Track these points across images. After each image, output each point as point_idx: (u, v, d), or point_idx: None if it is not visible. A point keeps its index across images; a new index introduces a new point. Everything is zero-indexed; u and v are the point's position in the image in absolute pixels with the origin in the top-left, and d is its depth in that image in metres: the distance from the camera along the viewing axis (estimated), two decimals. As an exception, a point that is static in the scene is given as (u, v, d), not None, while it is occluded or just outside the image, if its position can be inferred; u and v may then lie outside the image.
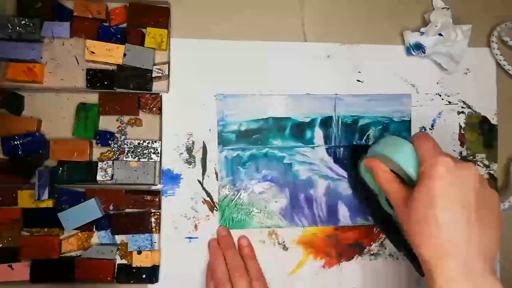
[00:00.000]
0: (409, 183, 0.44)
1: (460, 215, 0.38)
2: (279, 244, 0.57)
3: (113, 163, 0.54)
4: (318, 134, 0.57)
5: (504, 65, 0.59)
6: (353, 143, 0.57)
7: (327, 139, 0.57)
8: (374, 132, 0.57)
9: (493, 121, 0.60)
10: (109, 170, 0.54)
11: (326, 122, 0.57)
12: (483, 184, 0.40)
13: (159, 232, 0.55)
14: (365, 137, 0.57)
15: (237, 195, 0.56)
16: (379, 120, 0.58)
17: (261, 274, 0.53)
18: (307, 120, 0.57)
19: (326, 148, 0.57)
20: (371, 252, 0.58)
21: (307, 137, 0.57)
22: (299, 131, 0.57)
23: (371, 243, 0.58)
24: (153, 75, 0.54)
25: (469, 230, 0.37)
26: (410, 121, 0.58)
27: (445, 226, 0.37)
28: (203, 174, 0.56)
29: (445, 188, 0.38)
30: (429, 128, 0.59)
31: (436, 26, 0.56)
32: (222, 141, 0.56)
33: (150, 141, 0.55)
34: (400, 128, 0.58)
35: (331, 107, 0.57)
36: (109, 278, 0.53)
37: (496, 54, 0.59)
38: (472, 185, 0.38)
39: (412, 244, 0.40)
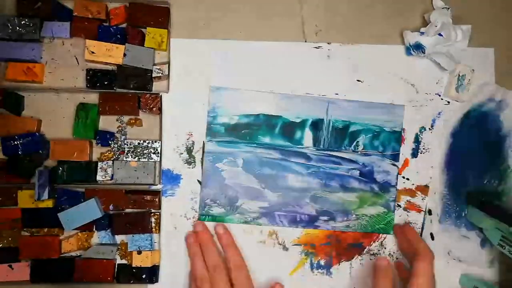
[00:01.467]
0: None
1: None
2: (279, 244, 0.57)
3: (113, 163, 0.54)
4: (308, 135, 0.57)
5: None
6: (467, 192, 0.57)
7: (316, 141, 0.57)
8: (364, 140, 0.57)
9: (493, 121, 0.61)
10: (109, 170, 0.54)
11: (317, 124, 0.57)
12: None
13: (159, 232, 0.55)
14: (354, 143, 0.57)
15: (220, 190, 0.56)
16: (370, 128, 0.58)
17: (241, 262, 0.53)
18: (298, 120, 0.57)
19: (314, 152, 0.57)
20: (371, 252, 0.58)
21: (296, 138, 0.57)
22: (289, 130, 0.57)
23: (371, 243, 0.58)
24: (153, 75, 0.54)
25: None
26: (401, 132, 0.58)
27: None
28: (203, 173, 0.56)
29: None
30: (429, 128, 0.59)
31: (436, 26, 0.56)
32: (211, 132, 0.56)
33: (150, 141, 0.55)
34: (390, 138, 0.58)
35: (324, 110, 0.57)
36: (109, 278, 0.53)
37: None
38: None
39: None
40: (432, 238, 0.58)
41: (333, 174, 0.57)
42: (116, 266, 0.54)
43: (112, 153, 0.54)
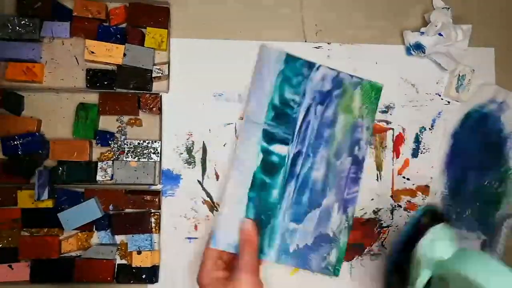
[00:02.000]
0: None
1: None
2: (279, 244, 0.57)
3: (113, 163, 0.54)
4: None
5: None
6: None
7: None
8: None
9: (493, 121, 0.61)
10: (109, 170, 0.54)
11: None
12: None
13: (159, 232, 0.55)
14: None
15: None
16: None
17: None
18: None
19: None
20: (372, 252, 0.58)
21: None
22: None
23: (372, 243, 0.58)
24: (153, 75, 0.54)
25: None
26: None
27: None
28: (203, 174, 0.56)
29: None
30: (429, 128, 0.59)
31: (436, 26, 0.56)
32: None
33: (150, 141, 0.55)
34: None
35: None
36: (109, 278, 0.53)
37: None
38: None
39: None
40: (432, 238, 0.58)
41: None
42: (116, 266, 0.54)
43: (112, 153, 0.54)
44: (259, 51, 0.55)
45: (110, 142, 0.54)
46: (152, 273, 0.54)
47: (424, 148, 0.59)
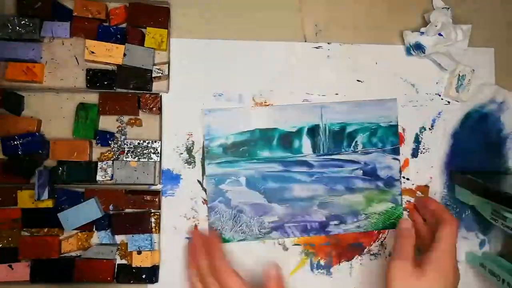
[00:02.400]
0: None
1: None
2: (279, 244, 0.57)
3: (113, 163, 0.54)
4: (306, 143, 0.57)
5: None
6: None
7: (315, 147, 0.57)
8: (362, 138, 0.57)
9: (493, 121, 0.61)
10: (109, 170, 0.54)
11: (313, 131, 0.57)
12: None
13: (159, 232, 0.55)
14: (353, 144, 0.57)
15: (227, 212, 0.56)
16: (366, 126, 0.58)
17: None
18: (294, 129, 0.57)
19: (315, 159, 0.57)
20: (371, 252, 0.58)
21: (295, 147, 0.57)
22: (286, 141, 0.56)
23: (371, 243, 0.58)
24: (153, 75, 0.54)
25: None
26: (397, 125, 0.58)
27: None
28: (203, 174, 0.56)
29: None
30: (429, 128, 0.59)
31: (436, 26, 0.56)
32: (209, 155, 0.56)
33: (150, 141, 0.55)
34: (388, 132, 0.58)
35: (318, 115, 0.57)
36: (109, 278, 0.53)
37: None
38: None
39: None
40: (432, 238, 0.58)
41: (336, 177, 0.57)
42: (116, 266, 0.54)
43: (112, 153, 0.54)
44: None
45: (110, 142, 0.54)
46: (152, 273, 0.54)
47: (424, 148, 0.59)
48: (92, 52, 0.53)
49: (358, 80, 0.58)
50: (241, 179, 0.56)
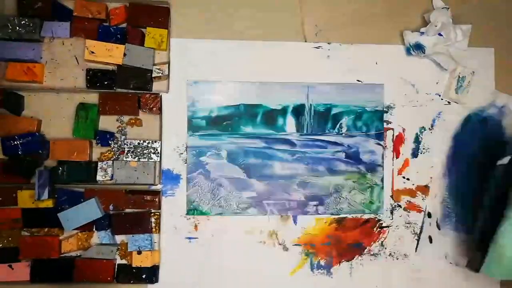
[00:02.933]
0: None
1: None
2: (280, 244, 0.57)
3: (113, 163, 0.54)
4: (290, 121, 0.57)
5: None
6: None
7: (299, 127, 0.57)
8: (346, 121, 0.57)
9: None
10: (109, 170, 0.54)
11: (298, 110, 0.57)
12: None
13: (159, 232, 0.55)
14: (338, 126, 0.57)
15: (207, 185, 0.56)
16: (352, 109, 0.58)
17: None
18: (279, 107, 0.57)
19: (298, 138, 0.57)
20: (371, 252, 0.58)
21: (278, 125, 0.57)
22: (271, 118, 0.57)
23: (371, 243, 0.58)
24: (153, 75, 0.54)
25: None
26: (383, 111, 0.58)
27: None
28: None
29: None
30: (429, 128, 0.59)
31: (436, 26, 0.56)
32: (192, 127, 0.56)
33: (150, 141, 0.55)
34: (373, 117, 0.58)
35: (304, 95, 0.57)
36: (109, 278, 0.53)
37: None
38: None
39: None
40: (431, 241, 0.58)
41: (319, 158, 0.57)
42: (116, 266, 0.54)
43: (112, 153, 0.54)
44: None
45: (110, 142, 0.54)
46: (152, 273, 0.54)
47: (424, 148, 0.59)
48: (92, 52, 0.53)
49: (358, 80, 0.58)
50: (222, 152, 0.56)
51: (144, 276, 0.54)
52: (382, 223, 0.58)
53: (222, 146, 0.56)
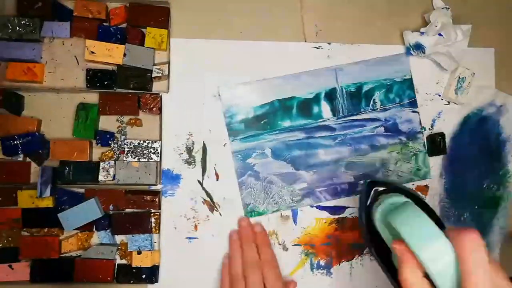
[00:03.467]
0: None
1: None
2: (279, 244, 0.57)
3: (115, 163, 0.54)
4: (325, 107, 0.57)
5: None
6: (368, 180, 0.50)
7: (335, 111, 0.57)
8: (379, 96, 0.57)
9: (493, 121, 0.60)
10: (111, 170, 0.54)
11: (330, 95, 0.57)
12: None
13: (159, 232, 0.55)
14: (371, 102, 0.57)
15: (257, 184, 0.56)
16: (381, 83, 0.58)
17: (273, 260, 0.54)
18: (312, 96, 0.57)
19: (336, 122, 0.57)
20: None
21: (314, 113, 0.57)
22: (305, 108, 0.57)
23: (371, 243, 0.58)
24: (153, 75, 0.54)
25: None
26: (411, 78, 0.58)
27: None
28: (203, 174, 0.56)
29: None
30: (429, 128, 0.59)
31: (436, 26, 0.56)
32: (232, 132, 0.56)
33: (150, 141, 0.55)
34: (404, 87, 0.58)
35: (333, 79, 0.57)
36: (109, 278, 0.53)
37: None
38: None
39: None
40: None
41: (359, 137, 0.57)
42: (116, 266, 0.54)
43: (112, 152, 0.54)
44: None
45: (110, 142, 0.54)
46: (152, 273, 0.54)
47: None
48: (92, 52, 0.53)
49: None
50: (266, 151, 0.56)
51: (144, 276, 0.54)
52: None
53: (264, 145, 0.56)
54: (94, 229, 0.54)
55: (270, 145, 0.56)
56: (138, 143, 0.54)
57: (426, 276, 0.34)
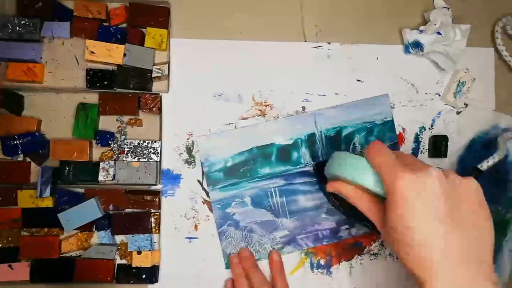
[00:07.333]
0: (381, 195, 0.40)
1: (433, 227, 0.34)
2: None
3: (115, 163, 0.54)
4: (304, 153, 0.56)
5: (505, 55, 0.58)
6: (315, 162, 0.55)
7: (314, 156, 0.56)
8: (359, 139, 0.57)
9: (493, 121, 0.60)
10: (111, 170, 0.54)
11: (310, 140, 0.56)
12: (451, 182, 0.37)
13: (159, 232, 0.55)
14: (351, 146, 0.57)
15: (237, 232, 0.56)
16: (361, 126, 0.57)
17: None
18: (291, 141, 0.56)
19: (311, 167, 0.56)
20: (371, 252, 0.58)
21: (294, 159, 0.56)
22: (285, 154, 0.56)
23: (371, 243, 0.58)
24: (153, 75, 0.54)
25: (447, 240, 0.34)
26: (392, 120, 0.58)
27: (422, 243, 0.34)
28: (203, 174, 0.56)
29: (411, 205, 0.35)
30: (429, 128, 0.59)
31: (435, 24, 0.56)
32: (211, 181, 0.55)
33: (150, 141, 0.55)
34: (384, 129, 0.57)
35: (312, 124, 0.56)
36: (109, 278, 0.53)
37: (499, 44, 0.59)
38: (437, 190, 0.35)
39: (400, 260, 0.37)
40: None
41: None
42: (116, 266, 0.54)
43: (112, 152, 0.54)
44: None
45: (110, 142, 0.54)
46: (152, 273, 0.54)
47: (424, 148, 0.59)
48: (92, 52, 0.53)
49: (358, 80, 0.58)
50: (246, 199, 0.55)
51: (144, 276, 0.54)
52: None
53: (244, 193, 0.55)
54: (94, 229, 0.54)
55: (250, 193, 0.55)
56: (138, 143, 0.54)
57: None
